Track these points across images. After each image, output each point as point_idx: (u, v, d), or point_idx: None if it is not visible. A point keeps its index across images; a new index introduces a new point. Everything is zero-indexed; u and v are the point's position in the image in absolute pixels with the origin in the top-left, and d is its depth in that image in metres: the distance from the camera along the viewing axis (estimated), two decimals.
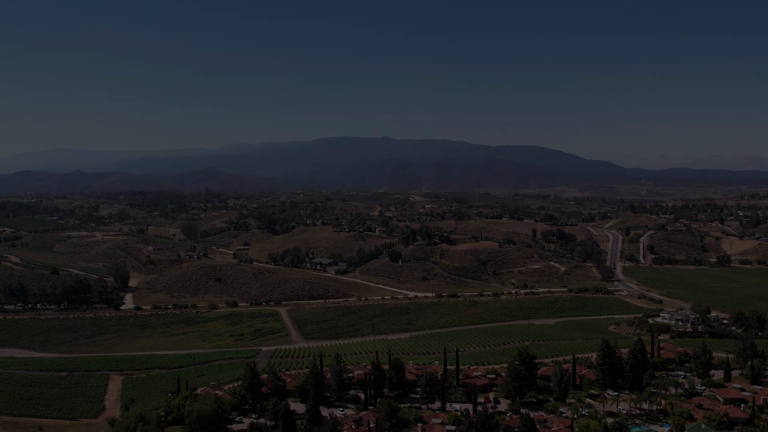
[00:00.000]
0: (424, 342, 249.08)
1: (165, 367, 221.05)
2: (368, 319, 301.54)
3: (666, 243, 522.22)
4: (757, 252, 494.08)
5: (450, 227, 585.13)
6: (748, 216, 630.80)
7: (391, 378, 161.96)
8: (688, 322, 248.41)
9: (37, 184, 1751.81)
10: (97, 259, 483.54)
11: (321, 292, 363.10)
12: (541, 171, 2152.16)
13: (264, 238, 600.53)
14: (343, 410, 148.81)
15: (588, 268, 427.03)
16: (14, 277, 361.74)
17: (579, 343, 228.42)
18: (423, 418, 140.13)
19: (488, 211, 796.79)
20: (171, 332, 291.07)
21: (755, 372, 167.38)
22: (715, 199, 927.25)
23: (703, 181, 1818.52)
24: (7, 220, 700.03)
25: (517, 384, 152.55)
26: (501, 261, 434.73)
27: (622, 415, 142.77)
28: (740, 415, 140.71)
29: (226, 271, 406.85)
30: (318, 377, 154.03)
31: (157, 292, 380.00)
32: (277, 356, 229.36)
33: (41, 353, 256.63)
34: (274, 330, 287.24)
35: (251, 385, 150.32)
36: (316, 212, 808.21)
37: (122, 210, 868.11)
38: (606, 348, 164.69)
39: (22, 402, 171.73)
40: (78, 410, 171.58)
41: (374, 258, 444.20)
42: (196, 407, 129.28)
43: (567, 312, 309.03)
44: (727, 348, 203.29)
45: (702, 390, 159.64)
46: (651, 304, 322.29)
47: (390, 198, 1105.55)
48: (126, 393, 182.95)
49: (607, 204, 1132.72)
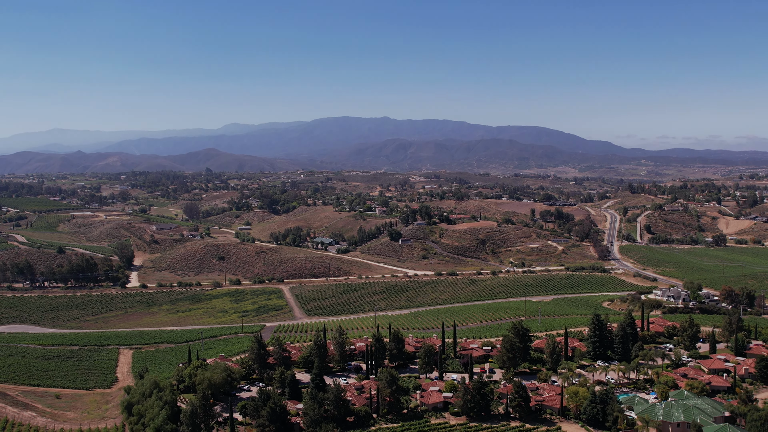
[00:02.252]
0: (423, 318, 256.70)
1: (173, 341, 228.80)
2: (369, 297, 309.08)
3: (663, 223, 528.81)
4: (752, 231, 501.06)
5: (449, 207, 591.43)
6: (745, 196, 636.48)
7: (391, 349, 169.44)
8: (679, 299, 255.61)
9: (37, 164, 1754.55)
10: (101, 239, 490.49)
11: (322, 271, 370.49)
12: (542, 151, 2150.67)
13: (265, 217, 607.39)
14: (346, 380, 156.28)
15: (585, 248, 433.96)
16: (21, 256, 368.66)
17: (573, 318, 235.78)
18: (421, 386, 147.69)
19: (488, 191, 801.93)
20: (177, 309, 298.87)
21: (739, 345, 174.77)
22: (714, 180, 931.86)
23: (704, 162, 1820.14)
24: (10, 200, 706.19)
25: (512, 355, 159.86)
26: (499, 240, 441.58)
27: (611, 383, 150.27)
28: (723, 383, 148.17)
29: (229, 250, 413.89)
30: (322, 348, 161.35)
31: (162, 271, 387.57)
32: (281, 331, 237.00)
33: (51, 329, 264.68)
34: (277, 307, 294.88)
35: (258, 356, 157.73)
36: (317, 192, 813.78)
37: (124, 190, 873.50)
38: (597, 321, 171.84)
39: (39, 373, 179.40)
40: (92, 381, 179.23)
41: (375, 237, 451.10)
42: (207, 375, 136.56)
43: (563, 289, 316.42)
44: (715, 323, 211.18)
45: (688, 361, 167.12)
46: (646, 282, 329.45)
47: (390, 178, 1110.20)
48: (137, 365, 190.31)
49: (606, 184, 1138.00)
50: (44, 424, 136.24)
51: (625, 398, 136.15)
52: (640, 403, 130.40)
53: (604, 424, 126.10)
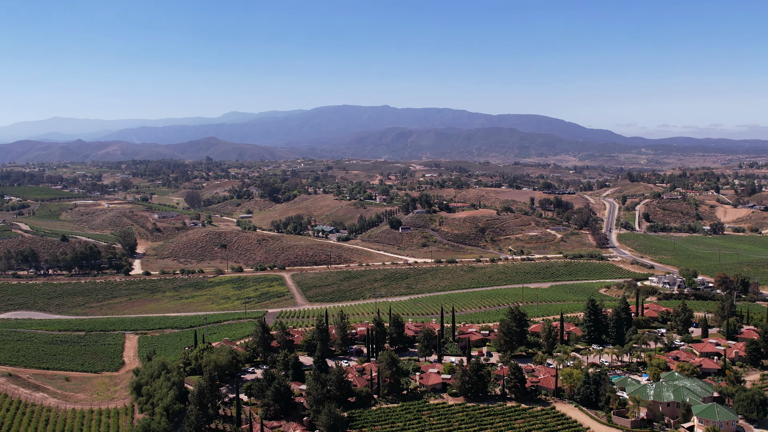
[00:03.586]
0: (423, 304, 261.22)
1: (177, 326, 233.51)
2: (369, 284, 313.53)
3: (661, 211, 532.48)
4: (749, 220, 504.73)
5: (449, 195, 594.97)
6: (743, 185, 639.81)
7: (391, 333, 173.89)
8: (674, 285, 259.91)
9: (37, 153, 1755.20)
10: (103, 227, 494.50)
11: (323, 258, 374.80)
12: (542, 140, 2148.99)
13: (266, 206, 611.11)
14: (348, 362, 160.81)
15: (584, 236, 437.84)
16: (25, 244, 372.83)
17: (570, 304, 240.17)
18: (421, 369, 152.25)
19: (488, 180, 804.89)
20: (180, 296, 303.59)
21: (731, 329, 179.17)
22: (714, 169, 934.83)
23: (704, 150, 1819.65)
24: (12, 189, 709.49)
25: (509, 338, 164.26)
26: (499, 228, 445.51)
27: (605, 366, 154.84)
28: (713, 366, 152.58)
29: (231, 238, 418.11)
30: (324, 332, 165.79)
31: (164, 258, 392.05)
32: (283, 317, 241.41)
33: (57, 315, 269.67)
34: (279, 293, 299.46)
35: (262, 339, 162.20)
36: (317, 181, 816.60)
37: (125, 179, 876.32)
38: (592, 306, 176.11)
39: (48, 357, 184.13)
40: (99, 365, 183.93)
41: (375, 225, 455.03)
42: (213, 358, 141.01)
43: (561, 276, 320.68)
44: (708, 309, 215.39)
45: (680, 345, 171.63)
46: (643, 269, 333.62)
47: (390, 166, 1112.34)
48: (142, 350, 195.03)
49: (606, 173, 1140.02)
50: (56, 404, 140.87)
51: (618, 379, 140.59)
52: (632, 384, 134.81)
53: (597, 404, 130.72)
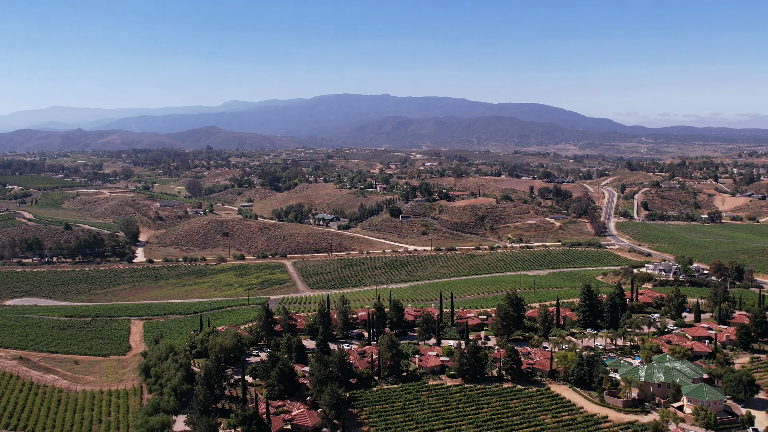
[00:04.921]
0: (422, 290, 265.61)
1: (181, 312, 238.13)
2: (370, 271, 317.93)
3: (660, 200, 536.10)
4: (747, 208, 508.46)
5: (449, 184, 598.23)
6: (742, 174, 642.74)
7: (392, 318, 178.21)
8: (670, 272, 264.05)
9: (38, 142, 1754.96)
10: (106, 215, 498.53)
11: (324, 246, 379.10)
12: (542, 128, 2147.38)
13: (267, 194, 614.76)
14: (349, 346, 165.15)
15: (582, 224, 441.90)
16: (29, 232, 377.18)
17: (566, 290, 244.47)
18: (420, 351, 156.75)
19: (487, 169, 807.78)
20: (183, 283, 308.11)
21: (723, 314, 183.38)
22: (714, 157, 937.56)
23: (704, 139, 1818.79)
24: (13, 177, 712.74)
25: (506, 323, 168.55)
26: (498, 216, 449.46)
27: (599, 349, 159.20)
28: (705, 349, 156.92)
29: (233, 226, 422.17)
30: (326, 316, 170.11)
31: (167, 246, 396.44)
32: (286, 303, 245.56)
33: (63, 302, 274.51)
34: (280, 281, 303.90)
35: (266, 323, 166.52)
36: (318, 169, 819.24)
37: (126, 168, 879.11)
38: (587, 291, 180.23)
39: (56, 342, 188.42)
40: (106, 349, 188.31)
41: (375, 214, 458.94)
42: (219, 341, 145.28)
43: (559, 264, 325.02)
44: (702, 295, 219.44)
45: (673, 329, 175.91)
46: (640, 257, 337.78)
47: (390, 155, 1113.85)
48: (148, 335, 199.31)
49: (606, 162, 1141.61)
50: (66, 386, 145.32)
51: (611, 362, 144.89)
52: (625, 366, 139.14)
53: (590, 384, 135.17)
